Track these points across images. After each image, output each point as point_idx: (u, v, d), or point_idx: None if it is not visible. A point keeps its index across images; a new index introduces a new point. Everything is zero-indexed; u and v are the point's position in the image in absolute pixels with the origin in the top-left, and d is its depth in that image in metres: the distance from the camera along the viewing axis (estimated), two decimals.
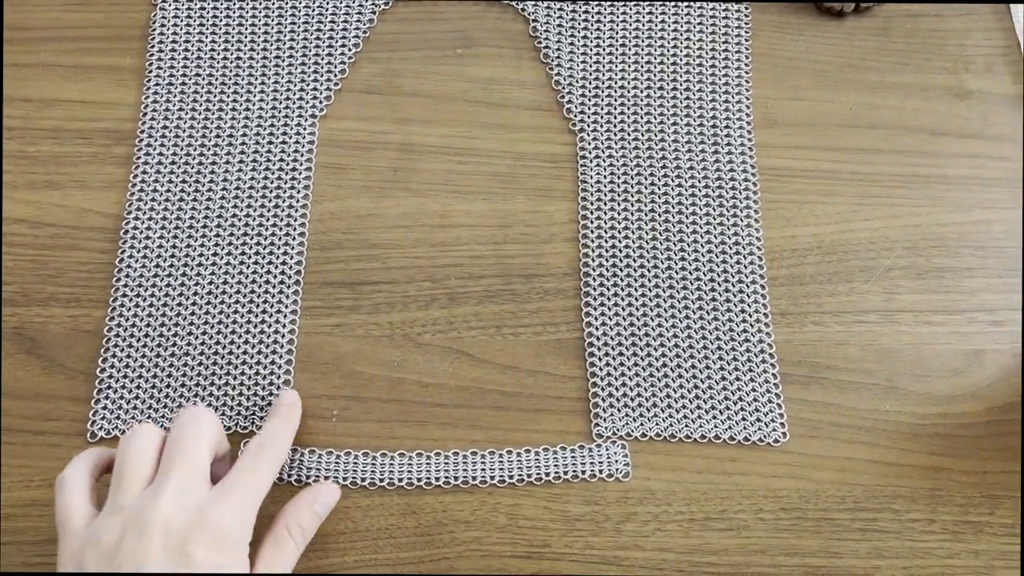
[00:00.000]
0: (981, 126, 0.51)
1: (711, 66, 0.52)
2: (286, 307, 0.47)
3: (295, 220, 0.49)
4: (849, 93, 0.52)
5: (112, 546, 0.35)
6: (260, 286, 0.47)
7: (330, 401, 0.46)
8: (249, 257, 0.48)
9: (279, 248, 0.48)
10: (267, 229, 0.48)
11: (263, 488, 0.39)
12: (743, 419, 0.45)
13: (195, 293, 0.47)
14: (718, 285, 0.48)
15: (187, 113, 0.51)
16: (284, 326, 0.47)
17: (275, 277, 0.47)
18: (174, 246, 0.48)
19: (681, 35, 0.53)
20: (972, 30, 0.53)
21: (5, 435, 0.44)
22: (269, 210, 0.49)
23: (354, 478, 0.44)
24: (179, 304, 0.47)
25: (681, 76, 0.52)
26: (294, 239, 0.48)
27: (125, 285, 0.47)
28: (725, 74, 0.52)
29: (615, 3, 0.53)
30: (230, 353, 0.46)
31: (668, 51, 0.52)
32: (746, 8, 0.53)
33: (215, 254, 0.48)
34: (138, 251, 0.48)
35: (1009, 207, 0.49)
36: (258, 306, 0.47)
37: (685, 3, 0.53)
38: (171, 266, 0.47)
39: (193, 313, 0.47)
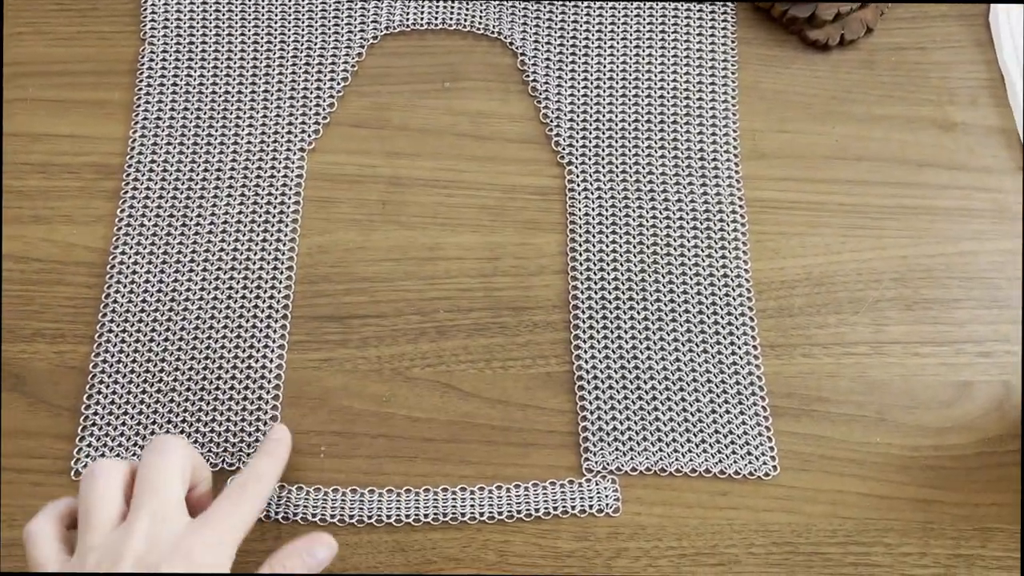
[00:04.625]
0: (967, 158, 0.51)
1: (698, 99, 0.52)
2: (273, 342, 0.47)
3: (283, 254, 0.48)
4: (835, 125, 0.52)
5: None
6: (248, 320, 0.47)
7: (318, 437, 0.45)
8: (236, 292, 0.47)
9: (267, 282, 0.48)
10: (255, 263, 0.48)
11: (243, 525, 0.37)
12: (733, 452, 0.45)
13: (182, 328, 0.47)
14: (707, 317, 0.48)
15: (175, 147, 0.50)
16: (271, 361, 0.46)
17: (263, 311, 0.47)
18: (161, 280, 0.48)
19: (668, 68, 0.53)
20: (955, 63, 0.54)
21: None
22: (257, 244, 0.48)
23: (342, 515, 0.43)
24: (165, 339, 0.46)
25: (668, 109, 0.52)
26: (282, 273, 0.48)
27: (111, 320, 0.47)
28: (712, 107, 0.52)
29: (603, 37, 0.53)
30: (217, 388, 0.46)
31: (655, 84, 0.52)
32: (732, 40, 0.53)
33: (202, 288, 0.47)
34: (124, 286, 0.47)
35: (995, 238, 0.50)
36: (245, 341, 0.46)
37: (672, 37, 0.53)
38: (158, 301, 0.47)
39: (180, 348, 0.46)
